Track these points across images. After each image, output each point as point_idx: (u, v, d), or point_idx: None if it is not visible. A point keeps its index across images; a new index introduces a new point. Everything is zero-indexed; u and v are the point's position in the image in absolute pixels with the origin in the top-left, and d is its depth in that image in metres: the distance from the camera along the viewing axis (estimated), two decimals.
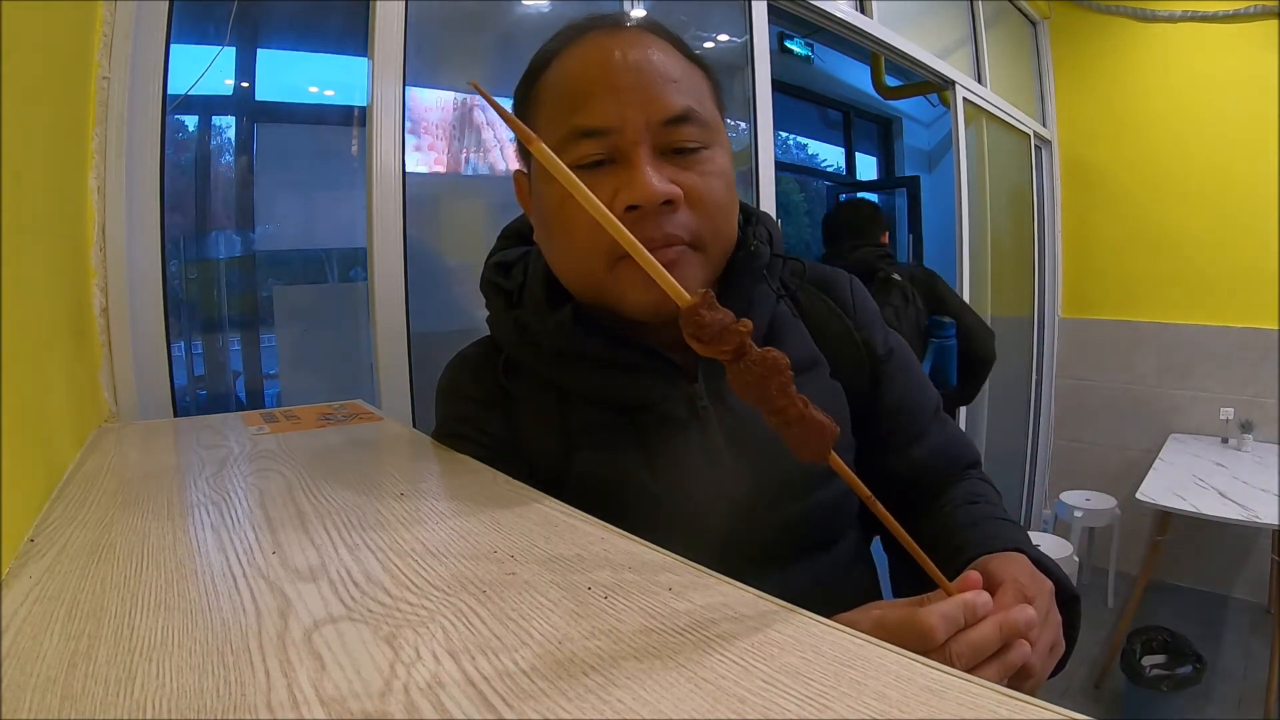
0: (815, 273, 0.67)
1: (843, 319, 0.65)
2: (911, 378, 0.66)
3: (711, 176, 0.54)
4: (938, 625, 0.39)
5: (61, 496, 0.50)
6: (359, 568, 0.37)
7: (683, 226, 0.52)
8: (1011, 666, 0.41)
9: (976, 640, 0.40)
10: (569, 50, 0.55)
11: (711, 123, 0.55)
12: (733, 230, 0.57)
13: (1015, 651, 0.41)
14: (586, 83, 0.52)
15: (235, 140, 1.32)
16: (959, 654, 0.39)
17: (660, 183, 0.50)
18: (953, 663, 0.39)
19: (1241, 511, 2.11)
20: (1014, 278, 3.08)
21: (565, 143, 0.52)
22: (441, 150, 1.30)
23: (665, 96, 0.52)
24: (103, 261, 0.86)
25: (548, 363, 0.58)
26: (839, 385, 0.62)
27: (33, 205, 0.55)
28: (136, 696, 0.25)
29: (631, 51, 0.53)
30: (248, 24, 1.25)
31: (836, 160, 3.99)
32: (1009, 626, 0.41)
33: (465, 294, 1.31)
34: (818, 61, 3.31)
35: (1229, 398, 2.89)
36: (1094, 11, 3.14)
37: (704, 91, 0.56)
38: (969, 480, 0.65)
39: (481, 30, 1.36)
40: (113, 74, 0.87)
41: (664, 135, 0.52)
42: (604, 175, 0.52)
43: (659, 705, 0.25)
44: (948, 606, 0.40)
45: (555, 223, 0.55)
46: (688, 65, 0.55)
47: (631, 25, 0.56)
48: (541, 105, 0.55)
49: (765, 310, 0.60)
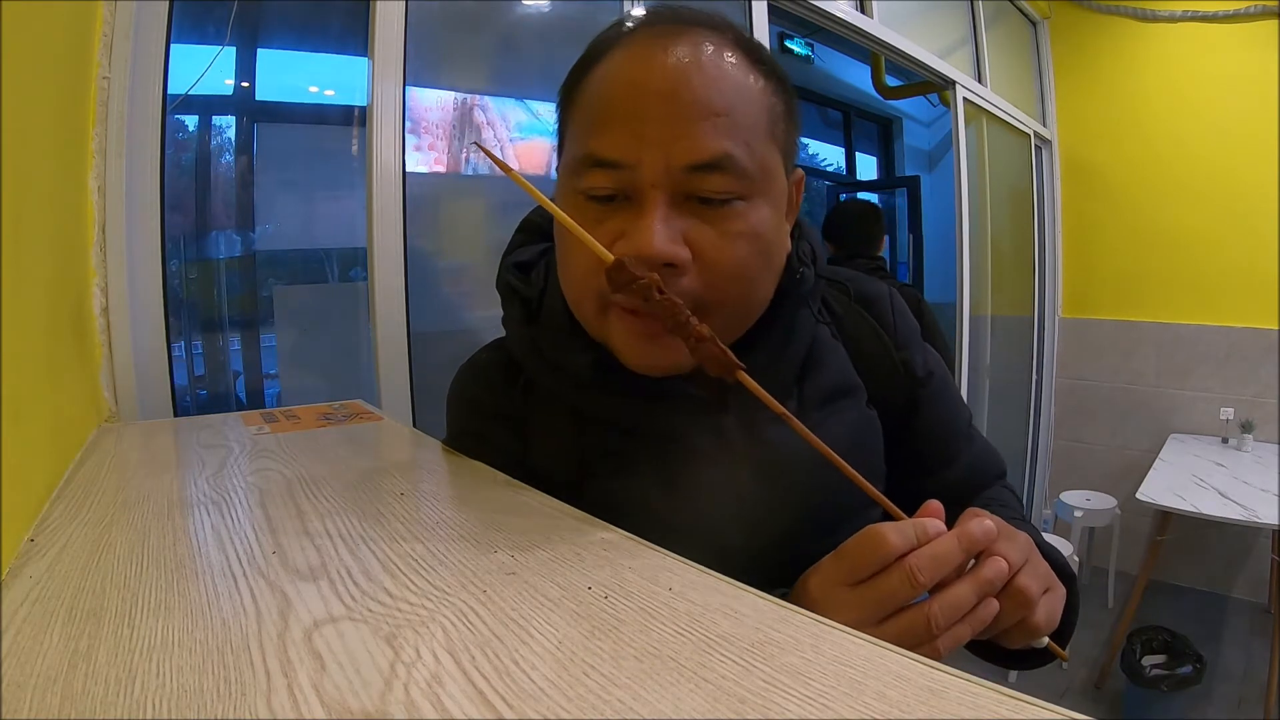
0: (858, 289, 0.63)
1: (882, 338, 0.61)
2: (949, 401, 0.64)
3: (737, 239, 0.46)
4: (890, 535, 0.39)
5: (61, 496, 0.50)
6: (359, 567, 0.37)
7: (685, 293, 0.45)
8: (988, 582, 0.39)
9: (936, 552, 0.39)
10: (614, 52, 0.48)
11: (756, 170, 0.46)
12: (756, 299, 0.50)
13: (989, 566, 0.40)
14: (611, 103, 0.46)
15: (235, 140, 1.32)
16: (919, 567, 0.38)
17: (665, 243, 0.44)
18: (917, 581, 0.38)
19: (1241, 511, 2.11)
20: (1014, 278, 3.08)
21: (580, 166, 0.47)
22: (441, 150, 1.30)
23: (696, 137, 0.44)
24: (103, 261, 0.86)
25: (567, 387, 0.54)
26: (874, 415, 0.60)
27: (33, 205, 0.55)
28: (136, 696, 0.25)
29: (675, 68, 0.45)
30: (248, 24, 1.25)
31: (837, 160, 4.00)
32: (966, 537, 0.39)
33: (465, 294, 1.31)
34: (818, 61, 3.32)
35: (1229, 398, 2.89)
36: (1094, 11, 3.14)
37: (758, 127, 0.47)
38: (992, 489, 0.64)
39: (481, 30, 1.36)
40: (113, 74, 0.87)
41: (687, 182, 0.45)
42: (613, 214, 0.46)
43: (659, 705, 0.25)
44: (899, 523, 0.40)
45: (560, 248, 0.51)
46: (750, 87, 0.47)
47: (692, 27, 0.47)
48: (576, 111, 0.50)
49: (805, 336, 0.56)
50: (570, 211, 0.46)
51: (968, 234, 2.52)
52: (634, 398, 0.53)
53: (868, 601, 0.39)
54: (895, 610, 0.39)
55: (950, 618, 0.39)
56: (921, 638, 0.38)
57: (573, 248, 0.48)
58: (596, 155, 0.46)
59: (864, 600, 0.39)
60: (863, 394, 0.60)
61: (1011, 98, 2.90)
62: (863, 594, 0.39)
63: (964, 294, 2.53)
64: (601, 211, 0.47)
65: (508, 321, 0.59)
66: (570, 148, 0.49)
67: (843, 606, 0.39)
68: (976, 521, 0.41)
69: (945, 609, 0.38)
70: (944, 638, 0.39)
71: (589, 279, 0.47)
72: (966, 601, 0.39)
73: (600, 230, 0.45)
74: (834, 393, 0.58)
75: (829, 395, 0.57)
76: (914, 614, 0.39)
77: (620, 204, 0.46)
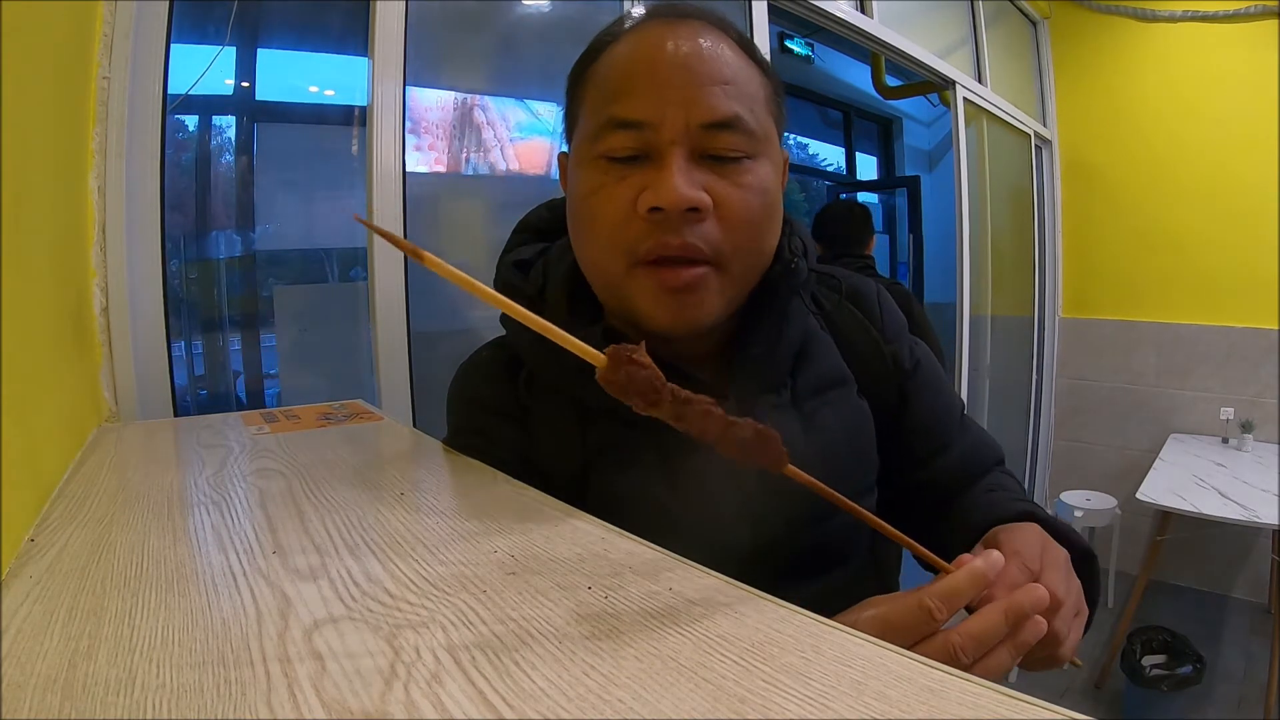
0: (848, 284, 0.65)
1: (871, 333, 0.63)
2: (938, 390, 0.65)
3: (749, 190, 0.50)
4: (934, 605, 0.38)
5: (61, 496, 0.50)
6: (359, 568, 0.37)
7: (706, 239, 0.49)
8: (1024, 646, 0.39)
9: (978, 631, 0.38)
10: (624, 37, 0.52)
11: (760, 133, 0.51)
12: (766, 250, 0.54)
13: (1027, 631, 0.40)
14: (631, 73, 0.50)
15: (235, 140, 1.32)
16: (961, 647, 0.38)
17: (688, 188, 0.47)
18: (959, 661, 0.38)
19: (1242, 511, 2.11)
20: (1014, 278, 3.08)
21: (601, 131, 0.50)
22: (441, 150, 1.30)
23: (711, 99, 0.49)
24: (103, 261, 0.86)
25: (571, 378, 0.55)
26: (865, 405, 0.61)
27: (33, 205, 0.55)
28: (136, 696, 0.25)
29: (686, 45, 0.49)
30: (248, 24, 1.25)
31: (837, 160, 4.00)
32: (1014, 610, 0.39)
33: (465, 294, 1.31)
34: (818, 61, 3.32)
35: (1229, 398, 2.89)
36: (1094, 11, 3.14)
37: (759, 99, 0.52)
38: (991, 475, 0.64)
39: (481, 30, 1.36)
40: (113, 74, 0.87)
41: (704, 139, 0.49)
42: (634, 171, 0.49)
43: (659, 705, 0.25)
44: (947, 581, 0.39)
45: (582, 214, 0.52)
46: (747, 68, 0.52)
47: (694, 17, 0.53)
48: (589, 90, 0.53)
49: (799, 327, 0.58)
50: (592, 176, 0.50)
51: (968, 234, 2.52)
52: None
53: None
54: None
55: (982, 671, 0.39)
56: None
57: (595, 209, 0.50)
58: (619, 117, 0.49)
59: None
60: (854, 385, 0.61)
61: (1011, 98, 2.90)
62: None
63: (964, 294, 2.52)
64: (623, 170, 0.49)
65: (508, 319, 0.59)
66: (588, 119, 0.52)
67: None
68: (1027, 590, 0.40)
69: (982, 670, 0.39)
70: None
71: (617, 234, 0.49)
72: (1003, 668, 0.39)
73: (622, 187, 0.49)
74: (827, 383, 0.59)
75: (822, 385, 0.58)
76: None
77: (639, 164, 0.49)
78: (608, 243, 0.51)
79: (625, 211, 0.49)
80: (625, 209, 0.49)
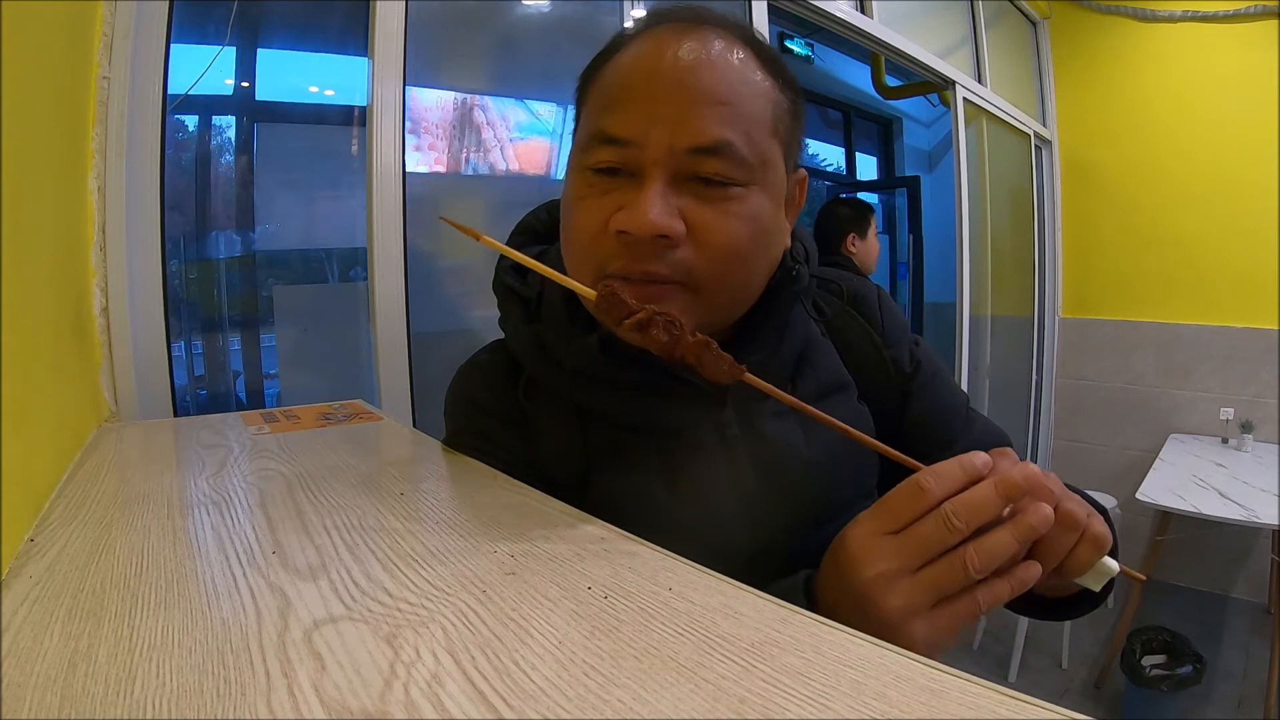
0: (849, 289, 0.65)
1: (871, 336, 0.63)
2: (939, 387, 0.65)
3: (734, 218, 0.48)
4: (929, 482, 0.39)
5: (61, 496, 0.50)
6: (359, 568, 0.37)
7: (676, 265, 0.47)
8: (1029, 528, 0.38)
9: (972, 499, 0.38)
10: (631, 43, 0.51)
11: (754, 160, 0.48)
12: (751, 281, 0.52)
13: (1033, 514, 0.39)
14: (626, 85, 0.49)
15: (235, 140, 1.32)
16: (954, 513, 0.38)
17: (661, 215, 0.46)
18: (953, 525, 0.38)
19: (1241, 511, 2.11)
20: (1014, 278, 3.08)
21: (590, 142, 0.49)
22: (441, 150, 1.30)
23: (700, 121, 0.46)
24: (103, 261, 0.86)
25: (569, 382, 0.55)
26: (865, 409, 0.61)
27: (33, 205, 0.55)
28: (136, 696, 0.25)
29: (687, 59, 0.47)
30: (248, 24, 1.25)
31: (837, 160, 4.00)
32: (1005, 484, 0.38)
33: (465, 294, 1.31)
34: (818, 61, 3.32)
35: (1229, 398, 2.89)
36: (1094, 11, 3.14)
37: (760, 120, 0.49)
38: None
39: (481, 30, 1.36)
40: (113, 74, 0.87)
41: (688, 163, 0.47)
42: (616, 187, 0.48)
43: (659, 705, 0.25)
44: (941, 465, 0.39)
45: (566, 222, 0.52)
46: (757, 83, 0.49)
47: (709, 24, 0.50)
48: (591, 95, 0.52)
49: (799, 333, 0.58)
50: (578, 186, 0.50)
51: (968, 234, 2.53)
52: (636, 391, 0.54)
53: (905, 548, 0.39)
54: (933, 557, 0.39)
55: (987, 562, 0.38)
56: (959, 580, 0.38)
57: (576, 219, 0.50)
58: (606, 132, 0.48)
59: (902, 547, 0.39)
60: (854, 390, 0.61)
61: (1011, 98, 2.91)
62: (901, 541, 0.39)
63: (964, 294, 2.53)
64: (606, 185, 0.49)
65: (506, 322, 0.60)
66: (583, 127, 0.52)
67: (881, 555, 0.39)
68: (1019, 466, 0.40)
69: (982, 553, 0.38)
70: (983, 592, 0.39)
71: (590, 248, 0.49)
72: (1005, 547, 0.38)
73: (604, 201, 0.49)
74: (827, 389, 0.59)
75: (822, 391, 0.58)
76: (951, 558, 0.38)
77: (624, 179, 0.49)
78: (582, 255, 0.50)
79: (600, 227, 0.48)
80: (600, 224, 0.48)
